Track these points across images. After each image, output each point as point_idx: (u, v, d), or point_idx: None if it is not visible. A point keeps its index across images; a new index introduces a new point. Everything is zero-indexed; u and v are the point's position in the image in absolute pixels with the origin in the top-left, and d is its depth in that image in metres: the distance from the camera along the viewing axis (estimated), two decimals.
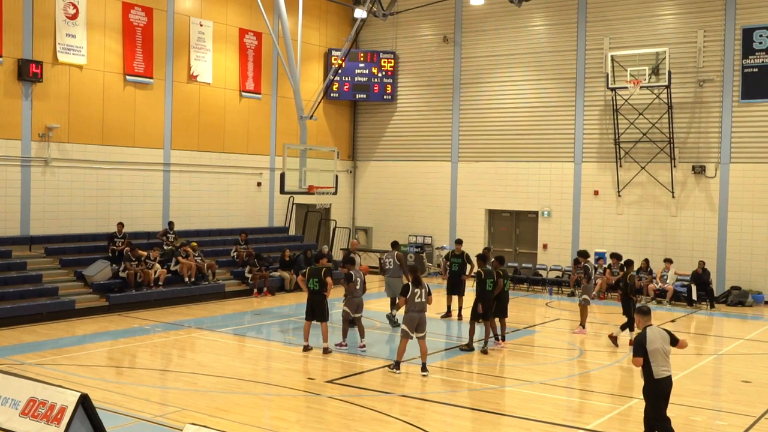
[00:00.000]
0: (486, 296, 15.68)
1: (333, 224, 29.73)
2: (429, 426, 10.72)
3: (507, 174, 28.02)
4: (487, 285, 15.70)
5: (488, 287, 15.70)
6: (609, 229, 25.97)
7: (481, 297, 15.67)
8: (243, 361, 15.00)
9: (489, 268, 16.02)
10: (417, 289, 13.72)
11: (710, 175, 24.33)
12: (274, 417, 11.33)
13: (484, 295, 15.67)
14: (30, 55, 20.74)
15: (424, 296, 13.74)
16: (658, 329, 9.28)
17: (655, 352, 9.03)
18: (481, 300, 15.65)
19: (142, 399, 11.76)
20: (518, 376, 13.97)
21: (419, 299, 13.68)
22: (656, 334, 9.16)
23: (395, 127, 30.75)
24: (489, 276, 15.77)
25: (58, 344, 15.95)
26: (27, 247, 20.70)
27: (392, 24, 29.80)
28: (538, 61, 27.47)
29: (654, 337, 9.10)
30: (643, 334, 9.12)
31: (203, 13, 25.35)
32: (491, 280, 15.72)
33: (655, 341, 9.07)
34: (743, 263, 23.77)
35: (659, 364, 9.03)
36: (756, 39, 23.49)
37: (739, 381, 14.05)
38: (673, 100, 24.34)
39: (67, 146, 21.79)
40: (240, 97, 26.71)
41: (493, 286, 15.72)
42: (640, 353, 9.02)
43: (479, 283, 15.76)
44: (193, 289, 21.77)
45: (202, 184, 25.57)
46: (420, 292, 13.71)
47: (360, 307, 16.02)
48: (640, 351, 9.02)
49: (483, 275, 15.77)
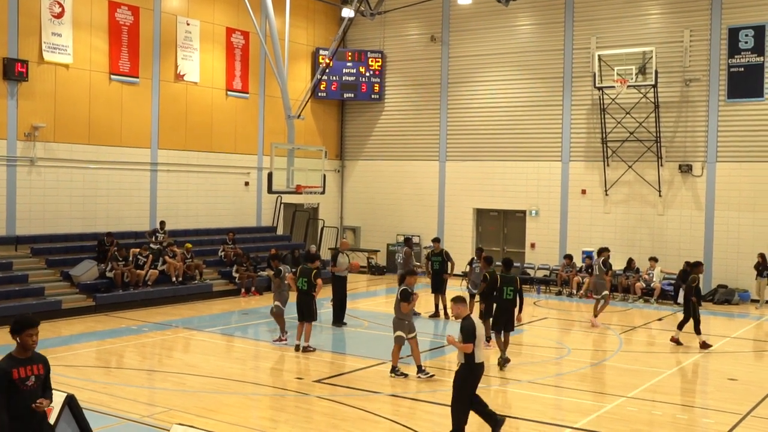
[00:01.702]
0: (505, 306, 14.55)
1: (321, 224, 29.70)
2: (418, 425, 10.72)
3: (495, 173, 28.06)
4: (506, 293, 14.53)
5: (507, 295, 14.52)
6: (596, 228, 26.05)
7: (500, 306, 14.66)
8: (231, 361, 14.95)
9: (511, 275, 14.90)
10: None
11: (697, 174, 24.44)
12: (263, 417, 11.31)
13: (503, 304, 14.59)
14: (15, 54, 20.61)
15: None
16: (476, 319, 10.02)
17: (479, 338, 9.75)
18: (499, 309, 14.66)
19: (129, 399, 11.70)
20: (506, 375, 13.98)
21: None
22: (477, 322, 9.93)
23: (383, 126, 30.74)
24: (509, 283, 14.62)
25: (45, 344, 15.80)
26: (13, 247, 20.57)
27: (380, 23, 29.79)
28: (525, 61, 27.52)
29: (478, 325, 9.86)
30: (472, 322, 9.78)
31: (190, 12, 25.26)
32: (511, 288, 14.53)
33: (478, 328, 9.83)
34: (729, 262, 23.89)
35: (480, 348, 9.82)
36: (741, 38, 23.62)
37: (725, 379, 14.12)
38: (659, 100, 24.45)
39: (53, 146, 21.66)
40: (227, 96, 26.64)
41: (513, 295, 14.51)
42: (471, 339, 9.62)
43: (498, 292, 14.68)
44: (181, 288, 21.70)
45: (190, 183, 25.49)
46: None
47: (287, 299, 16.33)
48: (471, 337, 9.63)
49: (499, 282, 14.70)
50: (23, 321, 6.64)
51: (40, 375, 6.67)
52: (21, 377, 6.53)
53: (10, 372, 6.49)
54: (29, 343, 6.61)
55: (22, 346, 6.61)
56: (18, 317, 6.71)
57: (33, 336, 6.61)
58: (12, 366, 6.53)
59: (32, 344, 6.62)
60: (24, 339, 6.59)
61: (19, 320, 6.64)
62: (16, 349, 6.64)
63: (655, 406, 12.05)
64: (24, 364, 6.58)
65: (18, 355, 6.62)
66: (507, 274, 14.82)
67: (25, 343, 6.60)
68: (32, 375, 6.60)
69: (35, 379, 6.62)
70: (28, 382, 6.56)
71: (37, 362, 6.70)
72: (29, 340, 6.60)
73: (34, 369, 6.62)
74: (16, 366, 6.54)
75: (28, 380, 6.56)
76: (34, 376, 6.61)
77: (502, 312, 14.58)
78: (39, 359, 6.74)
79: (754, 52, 23.44)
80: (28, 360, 6.64)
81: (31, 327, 6.61)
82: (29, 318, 6.70)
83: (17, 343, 6.62)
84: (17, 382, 6.50)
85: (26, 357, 6.63)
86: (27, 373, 6.57)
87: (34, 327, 6.63)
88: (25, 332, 6.58)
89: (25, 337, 6.58)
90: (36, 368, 6.64)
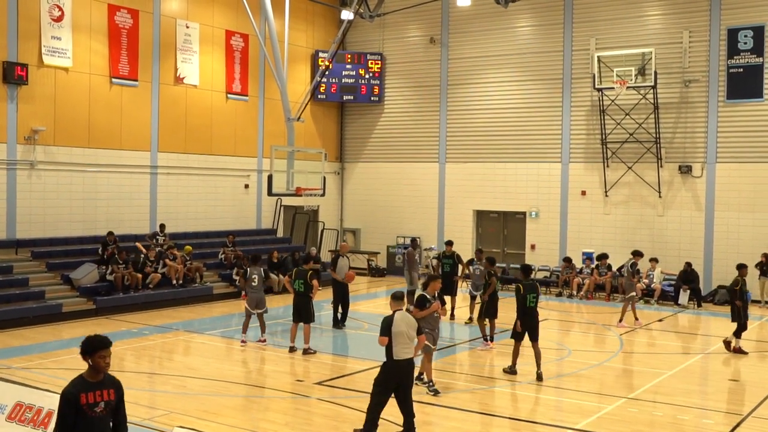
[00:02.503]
0: (529, 313, 13.82)
1: (321, 226, 29.70)
2: (418, 427, 10.70)
3: (495, 175, 28.07)
4: (529, 300, 13.79)
5: (530, 303, 13.80)
6: (596, 229, 26.06)
7: (522, 314, 13.85)
8: (231, 364, 14.96)
9: (531, 281, 14.23)
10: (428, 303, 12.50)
11: (696, 175, 24.45)
12: (263, 419, 11.30)
13: (526, 311, 13.81)
14: (15, 58, 20.63)
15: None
16: (407, 315, 9.96)
17: (399, 335, 9.68)
18: (522, 317, 13.85)
19: (130, 402, 11.57)
20: (507, 376, 13.98)
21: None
22: (403, 318, 9.85)
23: (383, 128, 30.75)
24: (532, 290, 13.87)
25: (45, 348, 15.86)
26: (13, 250, 20.57)
27: (379, 25, 29.81)
28: (524, 62, 27.54)
29: (400, 321, 9.79)
30: (391, 317, 9.80)
31: (189, 15, 25.28)
32: (534, 294, 13.83)
33: (401, 325, 9.75)
34: (730, 262, 23.81)
35: (401, 345, 9.71)
36: (741, 39, 23.63)
37: (726, 380, 14.12)
38: (659, 101, 24.46)
39: (53, 149, 21.67)
40: (227, 99, 26.65)
41: (536, 302, 13.88)
42: (386, 333, 9.68)
43: (520, 299, 13.84)
44: (181, 291, 21.70)
45: (190, 186, 25.49)
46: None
47: (260, 303, 16.35)
48: (385, 332, 9.68)
49: (522, 290, 13.84)
50: (95, 341, 6.07)
51: (110, 401, 6.14)
52: (89, 402, 6.00)
53: (78, 396, 5.96)
54: (101, 365, 6.06)
55: (93, 368, 6.06)
56: (90, 337, 6.12)
57: (106, 358, 6.07)
58: (81, 390, 6.00)
59: (105, 366, 6.08)
60: (96, 361, 6.03)
61: (90, 340, 6.08)
62: (87, 371, 6.10)
63: (656, 407, 12.05)
64: (94, 389, 6.06)
65: (89, 378, 6.08)
66: (527, 280, 14.11)
67: (97, 365, 6.05)
68: (102, 401, 6.07)
69: (105, 405, 6.09)
70: (96, 408, 6.04)
71: (109, 387, 6.16)
72: (101, 362, 6.05)
73: (105, 394, 6.09)
74: (85, 390, 6.01)
75: (96, 406, 6.04)
76: (103, 402, 6.08)
77: (527, 320, 13.79)
78: (111, 383, 6.19)
79: (754, 53, 23.45)
80: (99, 384, 6.09)
81: (104, 348, 6.06)
82: (101, 338, 6.11)
83: (88, 365, 6.08)
84: (85, 408, 5.98)
85: (97, 380, 6.09)
86: (96, 398, 6.04)
87: (106, 348, 6.08)
88: (97, 353, 6.02)
89: (98, 359, 6.03)
90: (107, 393, 6.11)
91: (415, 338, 9.93)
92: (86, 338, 6.12)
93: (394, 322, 9.78)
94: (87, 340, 6.08)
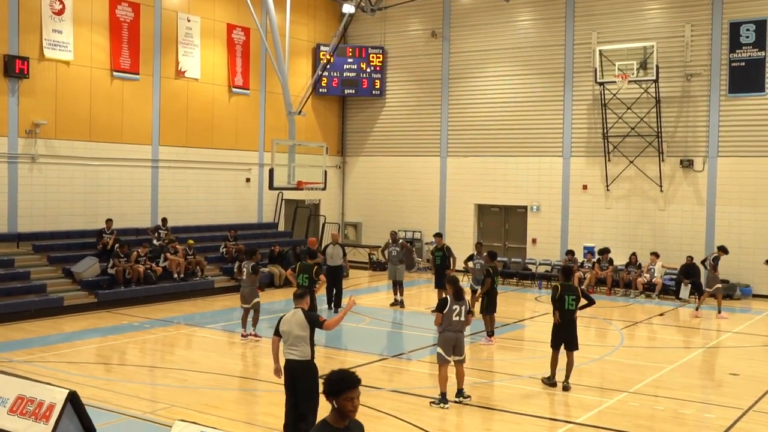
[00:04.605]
0: (567, 318, 12.70)
1: (322, 220, 29.69)
2: (419, 421, 10.72)
3: (496, 169, 28.05)
4: (567, 303, 12.65)
5: (569, 305, 12.65)
6: (598, 224, 26.04)
7: (561, 319, 12.73)
8: (233, 357, 14.97)
9: (570, 283, 13.03)
10: (456, 306, 11.62)
11: (698, 169, 24.42)
12: (265, 413, 11.31)
13: (564, 316, 12.69)
14: (16, 51, 20.60)
15: (463, 314, 11.66)
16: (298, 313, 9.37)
17: (287, 333, 9.34)
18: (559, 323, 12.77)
19: (131, 396, 11.71)
20: (508, 370, 13.99)
21: (457, 317, 11.61)
22: (293, 317, 9.39)
23: (384, 122, 30.72)
24: (571, 292, 12.71)
25: (47, 341, 15.88)
26: (14, 244, 20.58)
27: (380, 19, 29.76)
28: (526, 56, 27.49)
29: (288, 320, 9.40)
30: (282, 316, 9.57)
31: (191, 8, 25.24)
32: (573, 297, 12.64)
33: (289, 323, 9.37)
34: (731, 256, 23.76)
35: (288, 345, 9.35)
36: (743, 33, 23.58)
37: (727, 374, 14.12)
38: (661, 95, 24.41)
39: (55, 143, 21.67)
40: (228, 92, 26.62)
41: (575, 305, 12.69)
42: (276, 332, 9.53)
43: (558, 302, 12.73)
44: (182, 285, 21.71)
45: (191, 180, 25.48)
46: (459, 309, 11.61)
47: (247, 297, 16.35)
48: (276, 331, 9.52)
49: (560, 290, 12.72)
50: (341, 381, 5.19)
51: None
52: None
53: None
54: (348, 409, 5.16)
55: (339, 412, 5.17)
56: (335, 375, 5.24)
57: (354, 400, 5.16)
58: None
59: (352, 410, 5.17)
60: (342, 404, 5.14)
61: (336, 379, 5.20)
62: (331, 414, 5.22)
63: (657, 401, 12.06)
64: None
65: (333, 423, 5.20)
66: (567, 282, 12.98)
67: (344, 409, 5.16)
68: None
69: None
70: None
71: None
72: (348, 405, 5.15)
73: None
74: None
75: None
76: None
77: (563, 326, 12.69)
78: (357, 429, 5.34)
79: (756, 47, 23.40)
80: (345, 430, 5.21)
81: (351, 389, 5.16)
82: (349, 377, 5.22)
83: (333, 408, 5.20)
84: None
85: (343, 426, 5.20)
86: None
87: (354, 388, 5.18)
88: (344, 395, 5.14)
89: (344, 401, 5.14)
90: None
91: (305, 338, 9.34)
92: (330, 376, 5.25)
93: (283, 320, 9.48)
94: (331, 379, 5.22)
